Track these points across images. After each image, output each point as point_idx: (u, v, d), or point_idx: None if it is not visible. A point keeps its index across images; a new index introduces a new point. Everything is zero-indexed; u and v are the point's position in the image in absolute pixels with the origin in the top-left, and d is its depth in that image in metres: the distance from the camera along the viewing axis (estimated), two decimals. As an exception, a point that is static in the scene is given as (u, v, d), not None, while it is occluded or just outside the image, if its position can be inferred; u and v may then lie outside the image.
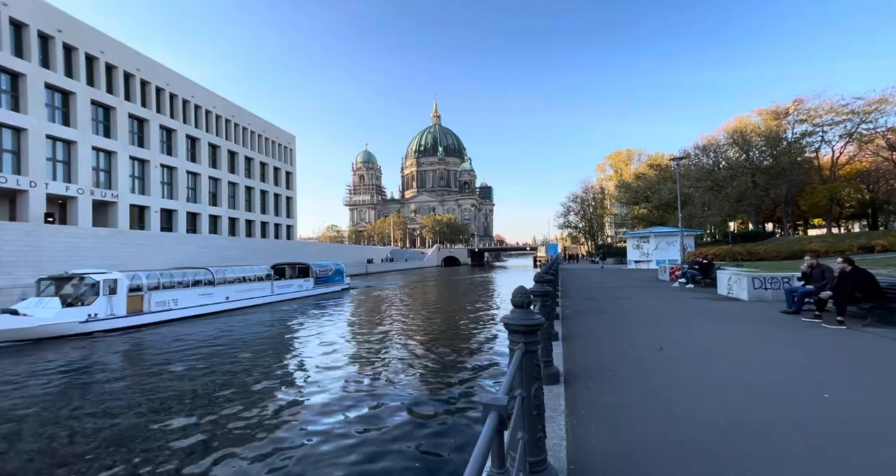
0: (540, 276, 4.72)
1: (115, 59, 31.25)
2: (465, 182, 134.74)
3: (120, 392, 8.53)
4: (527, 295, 2.28)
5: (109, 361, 11.51)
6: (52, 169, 27.09)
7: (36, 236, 22.98)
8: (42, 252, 22.74)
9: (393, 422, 6.53)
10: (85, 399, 8.13)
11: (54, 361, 11.30)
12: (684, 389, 3.94)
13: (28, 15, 25.68)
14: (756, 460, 2.53)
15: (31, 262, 21.74)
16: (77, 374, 10.08)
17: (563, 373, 4.40)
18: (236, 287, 21.43)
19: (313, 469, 5.14)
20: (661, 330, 7.10)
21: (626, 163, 65.54)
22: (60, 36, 27.48)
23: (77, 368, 10.65)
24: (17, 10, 25.07)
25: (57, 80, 27.14)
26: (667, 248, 29.71)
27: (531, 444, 2.00)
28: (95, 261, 24.50)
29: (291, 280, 26.78)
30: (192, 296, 18.70)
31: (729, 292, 11.97)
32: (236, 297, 21.18)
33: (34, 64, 25.91)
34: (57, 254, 23.35)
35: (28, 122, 25.34)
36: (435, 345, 12.57)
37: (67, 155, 28.06)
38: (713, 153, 46.40)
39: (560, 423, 3.05)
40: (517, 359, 1.96)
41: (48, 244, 23.32)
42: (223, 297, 20.34)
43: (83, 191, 28.29)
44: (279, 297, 24.76)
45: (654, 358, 5.17)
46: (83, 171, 28.41)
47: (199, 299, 18.95)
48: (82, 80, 28.72)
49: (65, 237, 24.50)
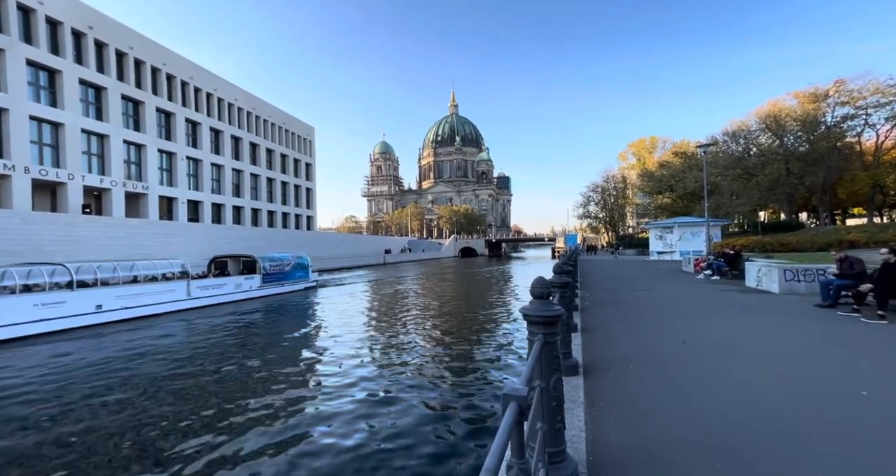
0: (559, 267, 4.64)
1: (143, 55, 32.19)
2: (482, 172, 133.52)
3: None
4: (546, 286, 2.25)
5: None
6: (88, 162, 28.39)
7: (75, 226, 24.30)
8: (81, 242, 24.05)
9: (411, 412, 6.60)
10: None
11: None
12: (708, 383, 3.83)
13: (62, 13, 26.67)
14: (785, 459, 2.44)
15: (71, 250, 23.03)
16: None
17: (583, 364, 4.36)
18: (122, 290, 15.32)
19: (328, 459, 5.21)
20: (685, 323, 6.92)
21: (650, 151, 63.30)
22: (92, 33, 28.46)
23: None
24: (52, 8, 26.08)
25: (90, 75, 28.22)
26: (691, 238, 28.77)
27: (550, 434, 1.99)
28: (129, 250, 25.74)
29: (224, 278, 20.17)
30: (16, 308, 12.34)
31: (758, 285, 11.52)
32: (116, 306, 14.96)
33: (69, 60, 27.00)
34: (95, 243, 24.64)
35: (65, 117, 26.55)
36: (451, 337, 12.68)
37: (101, 148, 29.32)
38: (743, 139, 44.18)
39: (579, 415, 3.03)
40: (536, 350, 1.95)
41: (86, 234, 24.63)
42: (89, 307, 14.15)
43: (116, 183, 29.59)
44: (201, 301, 18.19)
45: (677, 351, 5.05)
46: (116, 164, 29.67)
47: (31, 313, 12.61)
48: (113, 76, 29.77)
49: (101, 227, 25.80)
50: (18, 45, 24.29)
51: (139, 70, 32.11)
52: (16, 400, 7.53)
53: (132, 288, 15.82)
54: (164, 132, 34.36)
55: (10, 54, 23.84)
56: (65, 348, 11.36)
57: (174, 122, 34.86)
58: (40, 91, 25.95)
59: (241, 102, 43.12)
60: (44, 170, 25.43)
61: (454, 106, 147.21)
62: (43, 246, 22.07)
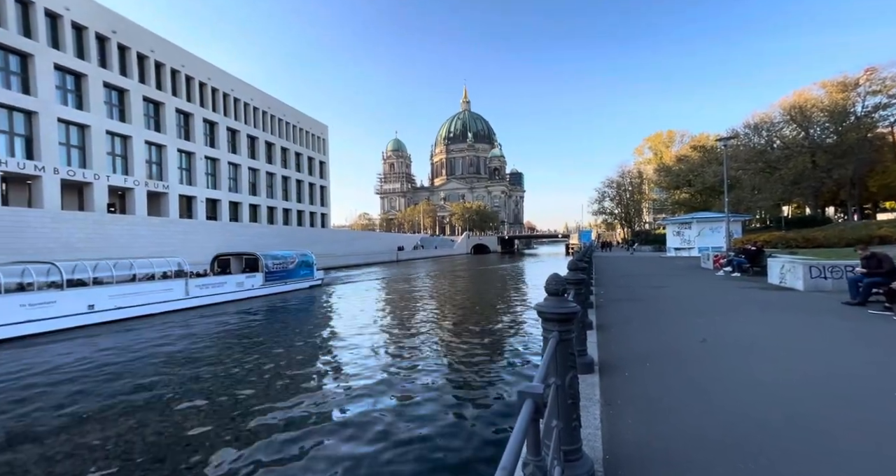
0: (574, 264, 4.59)
1: (163, 57, 33.02)
2: (494, 168, 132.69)
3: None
4: (561, 282, 2.23)
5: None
6: (112, 162, 29.37)
7: (102, 225, 25.22)
8: (108, 239, 24.96)
9: (424, 410, 6.58)
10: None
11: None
12: (729, 381, 3.74)
13: (87, 18, 27.56)
14: (809, 460, 2.37)
15: (98, 248, 23.92)
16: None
17: (598, 362, 4.31)
18: (116, 289, 14.74)
19: (343, 456, 5.22)
20: (704, 320, 6.75)
21: (667, 145, 61.78)
22: (115, 37, 29.33)
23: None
24: (77, 14, 26.97)
25: (114, 78, 29.12)
26: (710, 234, 28.01)
27: (566, 432, 1.97)
28: (152, 248, 26.59)
29: (224, 277, 19.63)
30: (2, 308, 11.85)
31: (781, 282, 11.15)
32: (110, 306, 14.41)
33: (94, 64, 27.91)
34: (119, 241, 25.55)
35: (90, 119, 27.50)
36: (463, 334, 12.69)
37: (124, 149, 30.28)
38: (766, 132, 42.65)
39: (595, 413, 3.00)
40: (551, 347, 1.93)
41: (112, 232, 25.55)
42: (81, 307, 13.64)
43: (139, 182, 30.54)
44: (200, 300, 17.63)
45: (696, 348, 4.94)
46: (138, 164, 30.61)
47: (17, 314, 12.13)
48: (135, 78, 30.65)
49: (125, 225, 26.71)
50: (46, 50, 25.23)
51: (159, 72, 32.97)
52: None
53: (127, 287, 15.16)
54: (183, 132, 35.24)
55: (38, 59, 24.79)
56: (52, 350, 10.85)
57: (193, 122, 35.71)
58: (67, 94, 26.92)
59: (257, 102, 43.85)
60: (71, 170, 26.43)
61: (466, 102, 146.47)
62: (72, 244, 22.98)
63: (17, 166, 23.80)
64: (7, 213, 21.43)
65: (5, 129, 23.74)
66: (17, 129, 24.41)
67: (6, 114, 23.75)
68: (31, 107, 24.47)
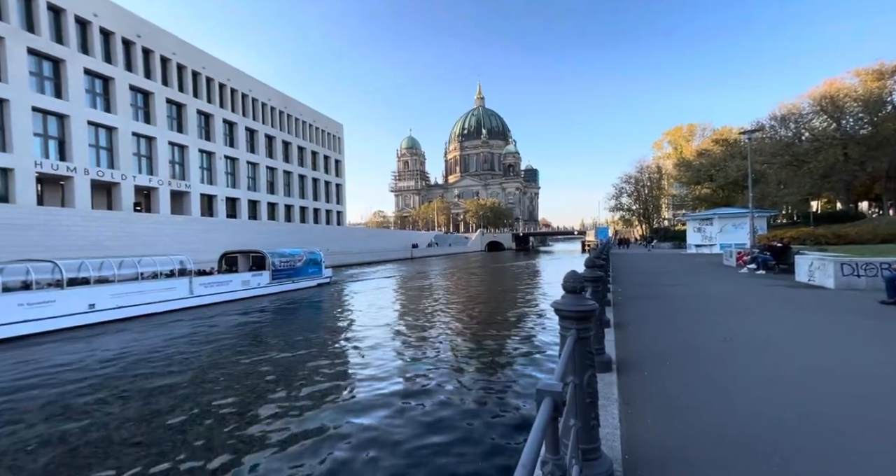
0: (591, 261, 4.52)
1: (185, 59, 33.95)
2: (509, 165, 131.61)
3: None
4: (579, 280, 2.20)
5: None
6: (138, 163, 30.45)
7: (128, 223, 26.24)
8: (134, 237, 25.95)
9: (440, 409, 6.59)
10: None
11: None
12: (751, 382, 3.63)
13: (114, 23, 28.57)
14: (830, 462, 2.29)
15: (125, 245, 24.91)
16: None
17: (616, 361, 4.24)
18: (118, 288, 14.49)
19: (362, 458, 5.21)
20: (725, 318, 6.56)
21: (688, 139, 59.99)
22: (140, 41, 30.32)
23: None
24: (105, 20, 28.00)
25: (139, 81, 30.13)
26: (733, 230, 27.14)
27: (584, 431, 1.96)
28: (175, 245, 27.49)
29: (229, 275, 19.28)
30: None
31: (810, 279, 10.72)
32: (111, 305, 14.19)
33: (120, 68, 28.93)
34: (145, 238, 26.52)
35: (117, 121, 28.55)
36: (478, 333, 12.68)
37: (149, 150, 31.33)
38: (794, 124, 40.87)
39: (613, 413, 2.96)
40: (569, 345, 1.91)
41: (138, 230, 26.55)
42: (81, 306, 13.42)
43: (163, 182, 31.58)
44: (204, 298, 17.33)
45: (717, 347, 4.80)
46: (162, 165, 31.64)
47: (14, 313, 11.88)
48: (158, 81, 31.63)
49: (150, 224, 27.71)
50: (77, 55, 26.28)
51: (181, 74, 33.91)
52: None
53: (129, 286, 14.86)
54: (204, 133, 36.21)
55: (70, 64, 25.85)
56: (45, 352, 10.62)
57: (213, 123, 36.64)
58: (96, 98, 28.00)
59: (274, 102, 44.64)
60: (101, 171, 27.53)
61: (480, 99, 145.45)
62: (101, 242, 23.99)
63: (51, 168, 24.95)
64: (42, 213, 22.52)
65: (40, 132, 24.90)
66: (51, 131, 25.57)
67: (41, 117, 24.89)
68: (64, 110, 25.57)
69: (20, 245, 20.24)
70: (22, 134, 23.55)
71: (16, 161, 23.26)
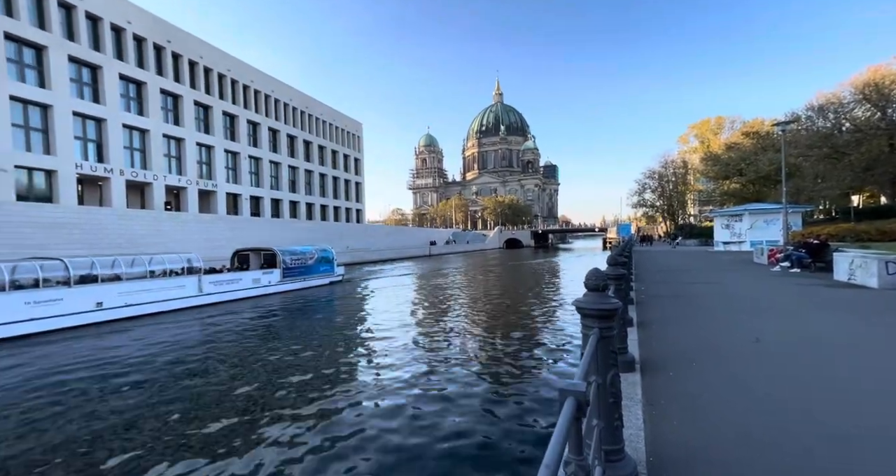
0: (613, 259, 4.43)
1: (211, 63, 35.12)
2: (528, 161, 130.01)
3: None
4: (601, 277, 2.16)
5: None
6: (168, 163, 31.78)
7: (160, 221, 27.47)
8: (164, 234, 27.14)
9: (459, 409, 6.52)
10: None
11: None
12: (782, 385, 3.47)
13: (146, 30, 29.85)
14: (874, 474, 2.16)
15: (156, 243, 26.08)
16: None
17: (639, 361, 4.15)
18: (125, 286, 14.31)
19: (383, 456, 5.19)
20: (755, 318, 6.29)
21: (715, 132, 57.65)
22: (169, 46, 31.56)
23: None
24: (138, 26, 29.30)
25: (169, 85, 31.39)
26: (765, 227, 25.98)
27: (607, 432, 1.92)
28: (203, 242, 28.57)
29: (240, 273, 19.08)
30: (6, 306, 11.54)
31: (850, 278, 10.14)
32: (119, 304, 14.02)
33: (151, 72, 30.21)
34: (174, 236, 27.69)
35: (150, 124, 29.86)
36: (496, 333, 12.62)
37: (178, 151, 32.64)
38: (833, 114, 38.49)
39: (637, 413, 2.90)
40: (592, 344, 1.88)
41: (168, 228, 27.75)
42: (89, 304, 13.30)
43: (191, 182, 32.85)
44: (214, 297, 17.12)
45: (747, 349, 4.62)
46: (190, 165, 32.90)
47: (21, 312, 11.77)
48: (186, 84, 32.86)
49: (179, 222, 28.91)
50: (112, 61, 27.60)
51: (208, 77, 35.10)
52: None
53: (137, 284, 14.65)
54: (229, 134, 37.41)
55: (106, 70, 27.19)
56: (46, 350, 10.44)
57: (237, 123, 37.79)
58: (130, 101, 29.35)
59: (296, 102, 45.60)
60: (135, 172, 28.89)
61: (499, 94, 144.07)
62: (136, 239, 25.21)
63: (90, 169, 26.37)
64: (83, 212, 23.86)
65: (80, 136, 26.33)
66: (90, 135, 27.00)
67: (80, 121, 26.31)
68: (101, 114, 26.94)
69: (64, 242, 21.51)
70: (64, 137, 24.98)
71: (59, 163, 24.70)
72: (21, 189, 23.34)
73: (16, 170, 22.93)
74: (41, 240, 20.79)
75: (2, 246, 19.07)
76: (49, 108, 24.48)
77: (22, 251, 18.72)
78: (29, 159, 23.58)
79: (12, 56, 23.23)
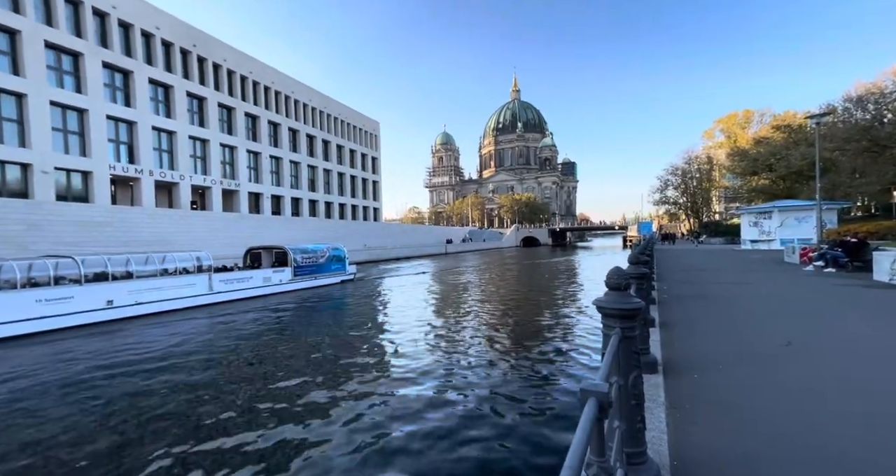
0: (635, 257, 4.32)
1: (234, 65, 36.12)
2: (545, 158, 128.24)
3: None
4: (623, 276, 2.11)
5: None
6: (194, 164, 32.90)
7: (187, 219, 28.50)
8: (191, 233, 28.13)
9: (476, 410, 6.43)
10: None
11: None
12: (820, 393, 3.30)
13: (173, 35, 30.96)
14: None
15: (183, 241, 27.06)
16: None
17: (662, 362, 4.04)
18: (136, 284, 14.28)
19: (400, 458, 5.14)
20: (789, 321, 6.02)
21: (743, 126, 55.32)
22: (195, 50, 32.62)
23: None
24: (166, 32, 30.42)
25: (195, 88, 32.47)
26: (796, 225, 24.79)
27: (629, 434, 1.88)
28: (227, 240, 29.48)
29: (250, 271, 19.11)
30: (17, 304, 11.55)
31: (892, 279, 9.59)
32: (129, 302, 14.00)
33: (178, 76, 31.31)
34: (201, 234, 28.67)
35: (177, 125, 30.98)
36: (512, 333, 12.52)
37: (203, 151, 33.74)
38: (873, 105, 36.23)
39: (660, 416, 2.82)
40: (613, 344, 1.84)
41: (194, 226, 28.75)
42: (99, 302, 13.28)
43: (215, 181, 33.92)
44: (225, 295, 17.08)
45: (779, 353, 4.42)
46: (215, 165, 33.97)
47: (32, 309, 11.78)
48: (211, 87, 33.90)
49: (204, 221, 29.91)
50: (142, 66, 28.75)
51: (231, 79, 36.11)
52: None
53: (147, 282, 14.63)
54: (251, 134, 38.40)
55: (137, 74, 28.35)
56: (57, 347, 10.38)
57: (259, 124, 38.74)
58: (158, 104, 30.52)
59: (315, 102, 46.37)
60: (163, 172, 30.05)
61: (516, 91, 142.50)
62: (165, 237, 26.24)
63: (123, 170, 27.59)
64: (117, 211, 25.00)
65: (113, 138, 27.57)
66: (122, 137, 28.23)
67: (113, 125, 27.54)
68: (132, 117, 28.12)
69: (98, 240, 22.61)
70: (99, 140, 26.21)
71: (94, 165, 25.94)
72: (60, 189, 24.64)
73: (55, 171, 24.22)
74: (78, 238, 21.91)
75: (43, 243, 20.19)
76: (85, 113, 25.72)
77: (61, 248, 19.79)
78: (67, 161, 24.85)
79: (52, 63, 24.50)
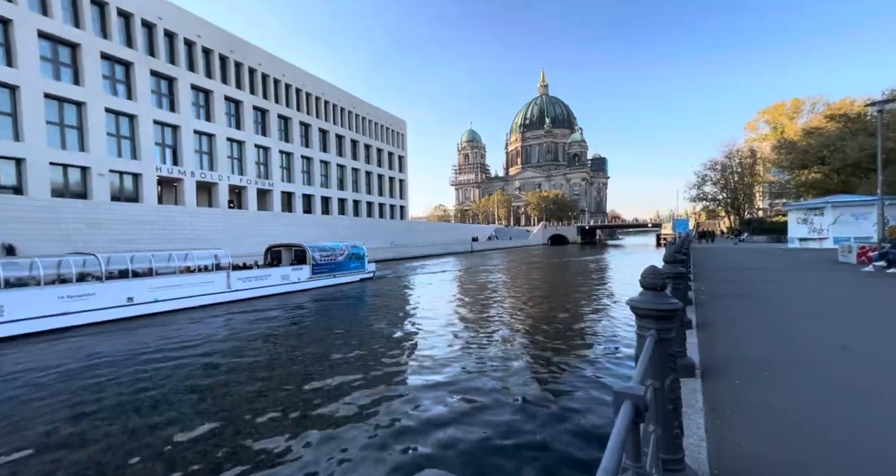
0: (672, 256, 4.14)
1: (268, 69, 37.56)
2: (574, 154, 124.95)
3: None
4: (659, 276, 2.03)
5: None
6: (231, 165, 34.54)
7: (225, 218, 30.00)
8: (228, 231, 29.59)
9: (506, 412, 6.30)
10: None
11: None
12: (880, 401, 3.04)
13: (213, 42, 32.59)
14: None
15: (221, 239, 28.49)
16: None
17: (700, 366, 3.85)
18: (156, 281, 14.45)
19: (427, 459, 5.09)
20: (842, 323, 5.58)
21: (791, 116, 51.41)
22: (232, 56, 34.20)
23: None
24: (206, 39, 32.06)
25: (231, 92, 34.04)
26: (853, 221, 22.87)
27: (665, 440, 1.81)
28: (260, 238, 30.78)
29: (269, 269, 19.10)
30: (40, 300, 11.75)
31: (965, 283, 8.65)
32: (149, 299, 14.18)
33: (217, 81, 32.93)
34: (237, 232, 30.10)
35: (216, 128, 32.62)
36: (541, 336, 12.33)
37: (240, 153, 35.35)
38: (947, 88, 32.82)
39: (698, 422, 2.70)
40: (649, 347, 1.77)
41: (231, 224, 30.22)
42: (120, 299, 13.47)
43: (251, 181, 35.46)
44: (243, 293, 17.21)
45: (833, 357, 4.11)
46: (250, 166, 35.51)
47: (55, 306, 12.01)
48: (247, 90, 35.43)
49: (240, 219, 31.36)
50: (185, 72, 30.45)
51: (265, 83, 37.57)
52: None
53: (167, 279, 14.80)
54: (283, 135, 39.83)
55: (180, 81, 30.07)
56: (77, 344, 10.55)
57: (291, 125, 40.10)
58: (199, 109, 32.24)
59: (343, 103, 47.43)
60: (203, 173, 31.75)
61: (544, 86, 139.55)
62: (205, 235, 27.74)
63: (168, 171, 29.39)
64: (162, 210, 26.69)
65: (159, 142, 29.42)
66: (167, 140, 30.07)
67: (160, 129, 29.38)
68: (176, 122, 29.87)
69: (146, 237, 24.23)
70: (147, 144, 28.04)
71: (143, 167, 27.80)
72: (114, 190, 26.59)
73: (109, 174, 26.15)
74: (129, 235, 23.56)
75: (100, 241, 21.86)
76: (134, 118, 27.57)
77: (116, 245, 21.36)
78: (119, 164, 26.75)
79: (107, 73, 26.41)
